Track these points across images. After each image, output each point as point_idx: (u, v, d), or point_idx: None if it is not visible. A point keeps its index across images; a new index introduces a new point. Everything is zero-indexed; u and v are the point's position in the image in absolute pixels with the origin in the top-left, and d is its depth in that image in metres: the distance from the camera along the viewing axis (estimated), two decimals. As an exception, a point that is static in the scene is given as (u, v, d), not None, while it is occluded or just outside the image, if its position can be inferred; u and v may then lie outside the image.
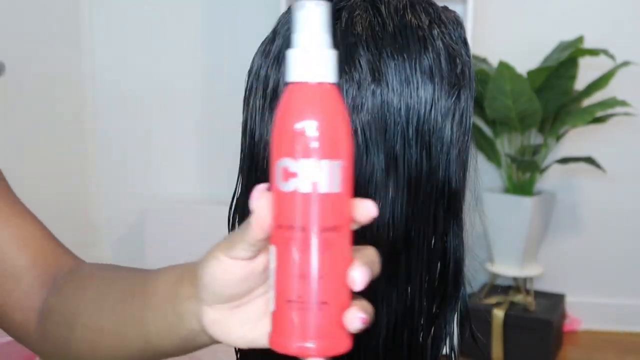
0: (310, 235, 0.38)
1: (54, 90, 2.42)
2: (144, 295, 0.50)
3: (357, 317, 0.39)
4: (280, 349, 0.40)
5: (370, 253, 0.41)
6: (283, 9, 2.06)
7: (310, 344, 0.39)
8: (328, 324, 0.39)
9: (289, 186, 0.38)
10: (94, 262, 0.63)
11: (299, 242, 0.39)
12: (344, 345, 0.40)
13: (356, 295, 0.40)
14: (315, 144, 0.38)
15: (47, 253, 0.60)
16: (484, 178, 2.38)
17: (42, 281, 0.58)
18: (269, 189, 0.40)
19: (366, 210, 0.40)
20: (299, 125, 0.38)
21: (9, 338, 0.60)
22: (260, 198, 0.40)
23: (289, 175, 0.38)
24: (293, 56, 0.39)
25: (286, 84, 0.39)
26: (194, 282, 0.44)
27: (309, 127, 0.38)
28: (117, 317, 0.52)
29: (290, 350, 0.40)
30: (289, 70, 0.39)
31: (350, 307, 0.39)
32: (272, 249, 0.40)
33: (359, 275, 0.39)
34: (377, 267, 0.41)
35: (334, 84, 0.39)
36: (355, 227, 0.41)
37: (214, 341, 0.46)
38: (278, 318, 0.40)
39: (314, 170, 0.38)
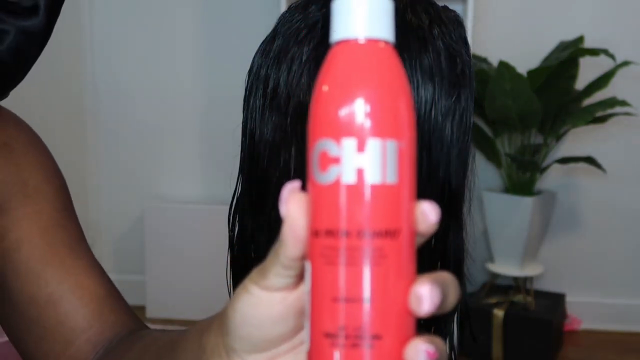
0: (356, 243, 0.29)
1: (53, 89, 2.42)
2: (174, 355, 0.42)
3: (421, 350, 0.29)
4: None
5: (444, 275, 0.31)
6: (283, 9, 2.06)
7: None
8: None
9: (328, 177, 0.29)
10: (152, 328, 0.56)
11: (340, 252, 0.29)
12: None
13: (420, 328, 0.31)
14: (362, 118, 0.29)
15: (107, 315, 0.55)
16: (484, 178, 2.39)
17: (93, 345, 0.54)
18: (304, 188, 0.32)
19: (422, 214, 0.30)
20: (341, 95, 0.30)
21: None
22: (291, 200, 0.31)
23: (328, 161, 0.29)
24: (336, 8, 0.31)
25: (329, 46, 0.32)
26: (221, 327, 0.35)
27: (355, 96, 0.29)
28: None
29: None
30: (332, 28, 0.31)
31: (412, 340, 0.30)
32: (307, 266, 0.31)
33: (427, 292, 0.29)
34: (452, 293, 0.30)
35: (388, 42, 0.31)
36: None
37: None
38: (315, 359, 0.30)
39: (360, 152, 0.29)
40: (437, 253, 0.52)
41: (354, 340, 0.29)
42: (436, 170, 0.50)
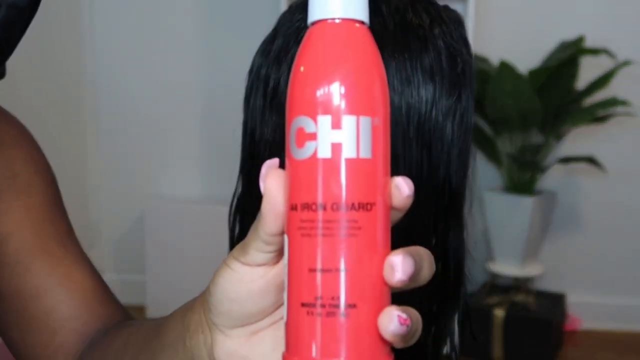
0: (332, 216, 0.30)
1: (54, 90, 2.42)
2: (160, 336, 0.42)
3: (394, 317, 0.30)
4: None
5: (419, 248, 0.32)
6: (283, 8, 2.06)
7: None
8: (358, 334, 0.30)
9: (304, 152, 0.30)
10: (141, 319, 0.56)
11: (316, 224, 0.30)
12: None
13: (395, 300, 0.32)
14: (337, 95, 0.30)
15: (94, 306, 0.55)
16: (484, 178, 2.39)
17: (80, 335, 0.54)
18: (283, 165, 0.32)
19: (396, 188, 0.31)
20: (317, 73, 0.31)
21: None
22: (269, 176, 0.32)
23: (305, 137, 0.30)
24: None
25: (307, 27, 0.32)
26: (204, 304, 0.36)
27: (330, 75, 0.30)
28: None
29: None
30: (310, 9, 0.32)
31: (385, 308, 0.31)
32: (285, 239, 0.32)
33: (399, 261, 0.30)
34: (426, 266, 0.32)
35: (363, 22, 0.32)
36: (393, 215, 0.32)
37: None
38: (292, 329, 0.31)
39: (335, 128, 0.30)
40: (437, 253, 0.52)
41: (329, 309, 0.30)
42: (436, 170, 0.50)
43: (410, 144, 0.49)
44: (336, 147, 0.30)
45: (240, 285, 0.33)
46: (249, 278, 0.33)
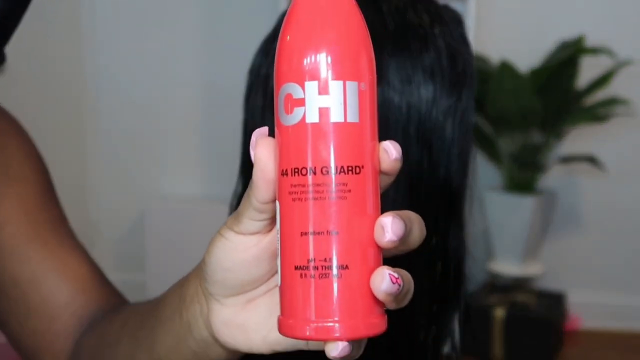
0: (321, 179, 0.30)
1: (54, 89, 2.42)
2: (157, 312, 0.43)
3: (386, 276, 0.30)
4: (292, 333, 0.31)
5: (409, 212, 0.32)
6: (283, 8, 2.06)
7: (330, 324, 0.30)
8: (351, 295, 0.30)
9: (293, 118, 0.31)
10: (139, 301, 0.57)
11: (306, 189, 0.31)
12: (376, 325, 0.31)
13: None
14: (324, 61, 0.31)
15: (90, 291, 0.55)
16: (485, 177, 2.38)
17: (78, 318, 0.54)
18: (273, 133, 0.33)
19: (384, 151, 0.32)
20: (303, 40, 0.31)
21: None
22: (259, 144, 0.32)
23: (293, 103, 0.31)
24: None
25: None
26: (199, 275, 0.37)
27: (316, 41, 0.31)
28: (133, 344, 0.45)
29: (305, 334, 0.31)
30: None
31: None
32: (277, 205, 0.32)
33: (389, 222, 0.30)
34: (416, 230, 0.32)
35: None
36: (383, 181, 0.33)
37: (230, 355, 0.38)
38: (286, 292, 0.32)
39: (322, 94, 0.31)
40: (437, 252, 0.52)
41: (322, 271, 0.30)
42: (437, 170, 0.50)
43: (411, 143, 0.49)
44: (324, 112, 0.30)
45: (234, 254, 0.34)
46: (242, 247, 0.34)
